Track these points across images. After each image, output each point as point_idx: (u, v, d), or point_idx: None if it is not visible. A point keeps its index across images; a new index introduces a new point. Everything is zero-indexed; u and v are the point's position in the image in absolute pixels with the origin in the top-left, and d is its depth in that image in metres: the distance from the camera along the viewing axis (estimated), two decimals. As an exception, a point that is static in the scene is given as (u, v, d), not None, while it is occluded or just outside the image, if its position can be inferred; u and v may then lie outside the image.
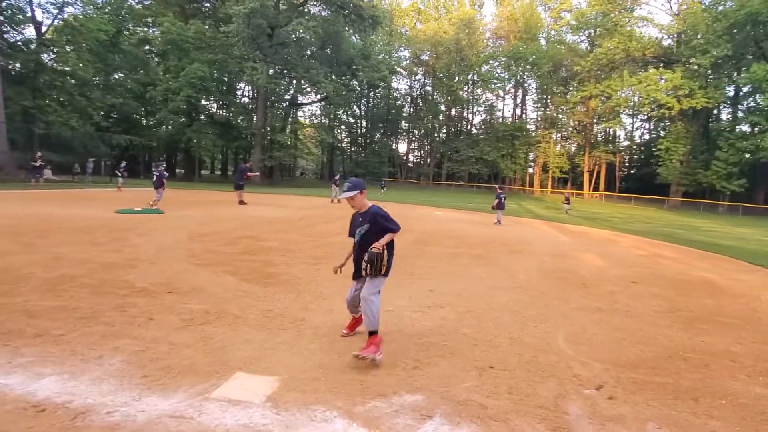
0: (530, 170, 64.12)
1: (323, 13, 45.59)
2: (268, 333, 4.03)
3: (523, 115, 64.33)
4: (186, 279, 5.74)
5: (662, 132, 52.09)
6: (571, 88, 56.50)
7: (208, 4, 49.25)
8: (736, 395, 3.35)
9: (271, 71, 42.16)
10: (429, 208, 24.00)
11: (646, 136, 61.35)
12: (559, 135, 63.34)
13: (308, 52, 46.30)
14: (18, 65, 33.59)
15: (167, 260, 6.79)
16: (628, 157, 64.17)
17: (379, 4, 56.28)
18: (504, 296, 5.93)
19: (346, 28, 46.15)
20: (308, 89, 50.61)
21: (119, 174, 25.41)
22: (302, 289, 5.58)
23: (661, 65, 44.21)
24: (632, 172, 63.62)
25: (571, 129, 62.73)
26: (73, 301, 4.56)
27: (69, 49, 35.00)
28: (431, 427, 2.64)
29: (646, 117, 55.63)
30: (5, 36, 32.55)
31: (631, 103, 51.63)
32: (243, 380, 3.06)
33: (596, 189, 55.85)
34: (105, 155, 36.01)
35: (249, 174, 20.49)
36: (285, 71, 46.48)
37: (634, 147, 63.28)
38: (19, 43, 33.48)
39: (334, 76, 46.72)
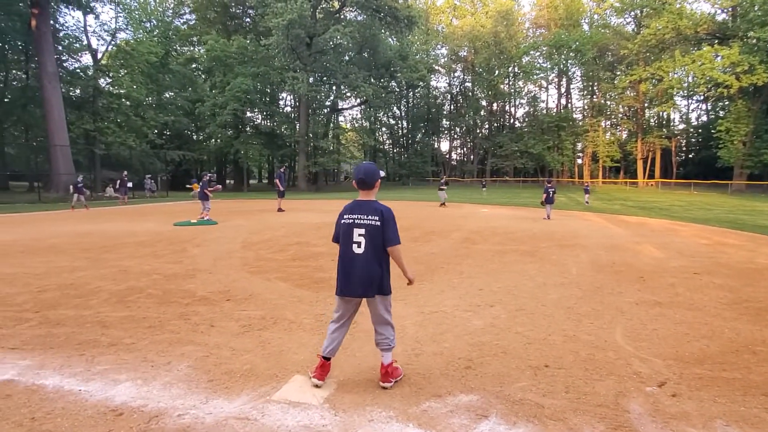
0: (579, 161, 61.98)
1: (359, 18, 46.08)
2: (322, 337, 4.12)
3: (569, 105, 62.26)
4: (242, 286, 5.98)
5: (721, 112, 49.11)
6: (618, 73, 54.18)
7: (248, 20, 50.92)
8: (815, 390, 3.14)
9: (311, 79, 43.03)
10: (475, 205, 23.71)
11: (704, 118, 57.88)
12: (608, 122, 60.94)
13: (346, 58, 46.95)
14: (78, 91, 36.06)
15: (223, 269, 7.10)
16: (684, 141, 60.79)
17: (414, 3, 56.16)
18: (556, 293, 5.80)
19: (383, 31, 46.46)
20: (348, 94, 51.31)
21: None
22: (352, 293, 5.67)
23: (716, 42, 41.60)
24: (690, 156, 60.29)
25: (620, 115, 60.15)
26: (141, 311, 4.86)
27: (123, 73, 37.25)
28: (487, 427, 2.64)
29: (702, 97, 52.54)
30: (65, 64, 35.02)
31: (685, 84, 48.92)
32: (301, 383, 3.17)
33: (651, 177, 53.28)
34: (161, 171, 37.98)
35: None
36: (325, 78, 47.34)
37: (691, 130, 59.82)
38: (78, 70, 35.94)
39: (372, 80, 47.12)
